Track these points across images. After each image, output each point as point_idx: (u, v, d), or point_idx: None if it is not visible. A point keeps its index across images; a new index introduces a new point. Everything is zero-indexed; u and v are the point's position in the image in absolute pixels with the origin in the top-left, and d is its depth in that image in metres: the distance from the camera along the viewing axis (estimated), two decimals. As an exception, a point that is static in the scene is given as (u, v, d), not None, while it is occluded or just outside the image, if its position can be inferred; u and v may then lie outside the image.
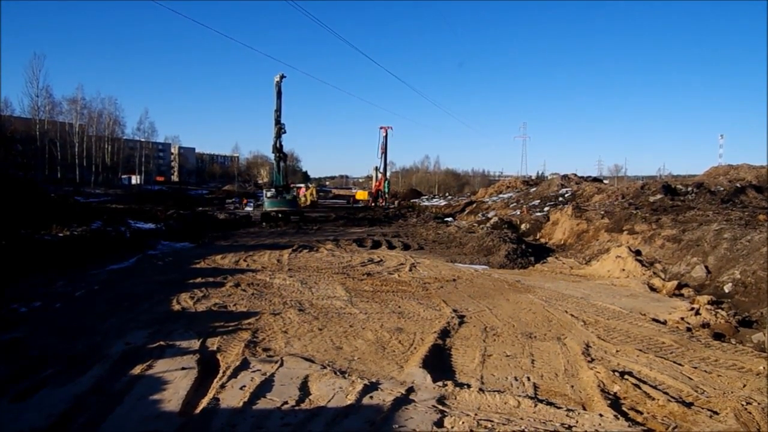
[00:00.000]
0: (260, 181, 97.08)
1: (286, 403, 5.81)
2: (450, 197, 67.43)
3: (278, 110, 34.30)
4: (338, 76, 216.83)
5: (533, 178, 79.74)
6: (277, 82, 34.00)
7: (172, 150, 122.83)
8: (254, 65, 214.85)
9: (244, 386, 6.24)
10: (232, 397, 5.94)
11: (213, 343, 8.10)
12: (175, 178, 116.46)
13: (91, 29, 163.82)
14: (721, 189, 34.40)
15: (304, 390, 6.22)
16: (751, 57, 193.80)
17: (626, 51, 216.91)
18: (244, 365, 7.05)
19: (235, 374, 6.66)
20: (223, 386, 6.25)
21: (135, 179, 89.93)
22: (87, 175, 76.03)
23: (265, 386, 6.29)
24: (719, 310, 11.57)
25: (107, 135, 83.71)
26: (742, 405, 6.21)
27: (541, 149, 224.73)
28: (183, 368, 6.81)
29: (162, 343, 7.95)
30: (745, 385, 7.03)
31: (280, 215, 34.03)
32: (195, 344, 7.97)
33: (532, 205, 37.48)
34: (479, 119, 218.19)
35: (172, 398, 5.86)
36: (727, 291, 13.58)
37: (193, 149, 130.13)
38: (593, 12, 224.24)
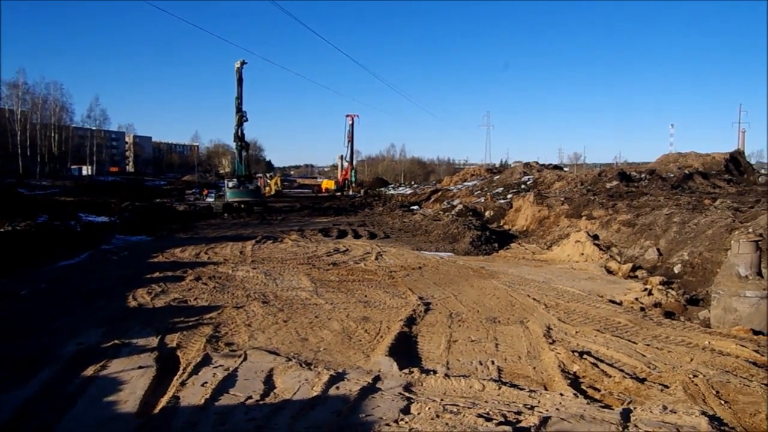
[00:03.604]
0: (222, 171, 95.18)
1: (250, 397, 5.70)
2: (416, 185, 67.49)
3: (239, 97, 33.72)
4: (302, 63, 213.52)
5: (497, 166, 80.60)
6: (238, 68, 33.37)
7: (127, 139, 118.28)
8: (214, 51, 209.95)
9: (206, 383, 6.09)
10: (194, 394, 5.79)
11: (172, 339, 7.89)
12: (130, 168, 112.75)
13: (33, 8, 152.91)
14: (672, 176, 35.49)
15: (269, 384, 6.12)
16: (699, 52, 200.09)
17: (585, 44, 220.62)
18: (206, 361, 6.88)
19: (196, 371, 6.50)
20: (183, 384, 6.08)
21: (86, 170, 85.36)
22: (32, 166, 70.55)
23: (228, 381, 6.16)
24: (670, 290, 12.02)
25: (53, 123, 78.14)
26: (690, 378, 6.49)
27: (505, 138, 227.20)
28: (140, 367, 6.60)
29: (117, 341, 7.66)
30: (692, 359, 7.33)
31: (242, 206, 33.53)
32: (153, 341, 7.74)
33: (496, 193, 37.80)
34: (444, 108, 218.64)
35: (129, 399, 5.67)
36: (676, 272, 14.01)
37: (150, 138, 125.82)
38: (552, 5, 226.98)
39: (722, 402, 5.84)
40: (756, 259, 9.80)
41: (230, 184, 34.78)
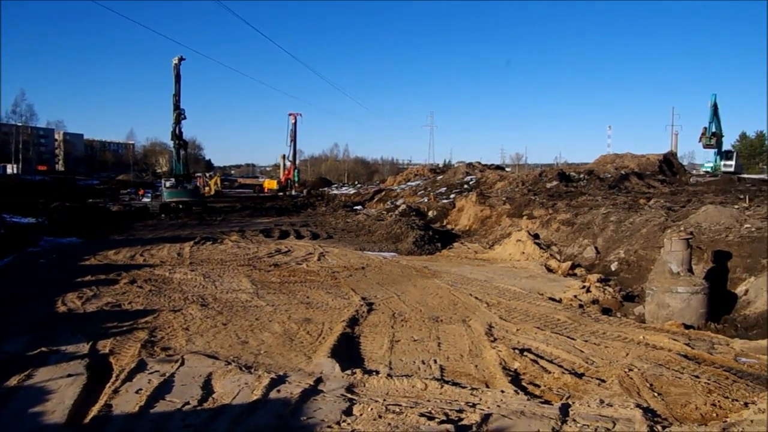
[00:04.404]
0: (159, 171, 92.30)
1: (187, 403, 5.52)
2: (359, 185, 67.53)
3: (177, 95, 32.78)
4: (244, 60, 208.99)
5: (440, 166, 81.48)
6: (176, 64, 32.45)
7: (56, 136, 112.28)
8: (150, 46, 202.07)
9: (141, 389, 5.86)
10: (127, 401, 5.55)
11: (105, 345, 7.55)
12: (60, 167, 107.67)
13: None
14: (609, 176, 36.95)
15: (207, 388, 5.95)
16: (634, 56, 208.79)
17: (525, 46, 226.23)
18: (141, 367, 6.62)
19: (130, 377, 6.24)
20: (116, 391, 5.82)
21: (11, 168, 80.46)
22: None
23: (165, 387, 5.95)
24: (607, 287, 12.46)
25: (-28, 118, 74.08)
26: (625, 372, 6.73)
27: (448, 138, 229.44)
28: (69, 375, 6.26)
29: (44, 349, 7.25)
30: (627, 354, 7.60)
31: (180, 206, 32.64)
32: (84, 348, 7.38)
33: (439, 193, 38.24)
34: (388, 108, 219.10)
35: (57, 409, 5.36)
36: (613, 269, 14.55)
37: (81, 136, 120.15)
38: (493, 5, 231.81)
39: (656, 394, 6.07)
40: (687, 257, 10.29)
41: (168, 184, 33.80)
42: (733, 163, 46.95)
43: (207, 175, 65.89)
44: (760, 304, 10.35)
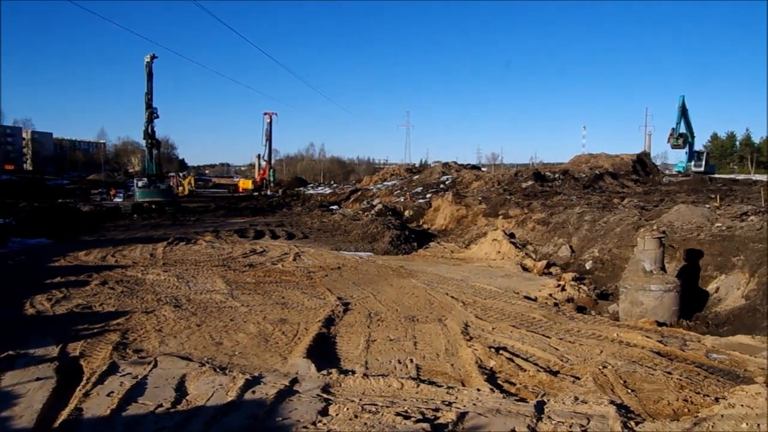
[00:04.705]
0: (131, 170, 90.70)
1: (160, 405, 5.44)
2: (335, 185, 67.26)
3: (149, 93, 32.30)
4: (218, 59, 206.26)
5: (416, 165, 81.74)
6: (148, 62, 31.97)
7: (24, 135, 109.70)
8: (122, 43, 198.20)
9: (113, 392, 5.75)
10: (98, 405, 5.44)
11: (75, 348, 7.39)
12: (29, 166, 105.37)
13: None
14: (583, 176, 37.43)
15: (181, 390, 5.87)
16: (609, 57, 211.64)
17: (502, 46, 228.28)
18: (113, 369, 6.50)
19: (101, 380, 6.11)
20: (87, 394, 5.70)
21: None
22: None
23: (137, 390, 5.85)
24: (582, 286, 12.61)
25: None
26: (600, 369, 6.83)
27: (425, 138, 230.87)
28: (38, 379, 6.10)
29: (11, 352, 7.03)
30: (602, 352, 7.70)
31: (153, 206, 32.16)
32: (53, 351, 7.21)
33: (415, 192, 38.31)
34: (364, 108, 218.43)
35: (25, 413, 5.22)
36: (588, 268, 14.75)
37: (51, 134, 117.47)
38: (469, 7, 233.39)
39: (629, 391, 6.17)
40: (660, 255, 10.48)
41: (140, 184, 33.28)
42: (702, 162, 47.94)
43: (180, 174, 65.08)
44: (730, 301, 10.61)
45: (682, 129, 48.62)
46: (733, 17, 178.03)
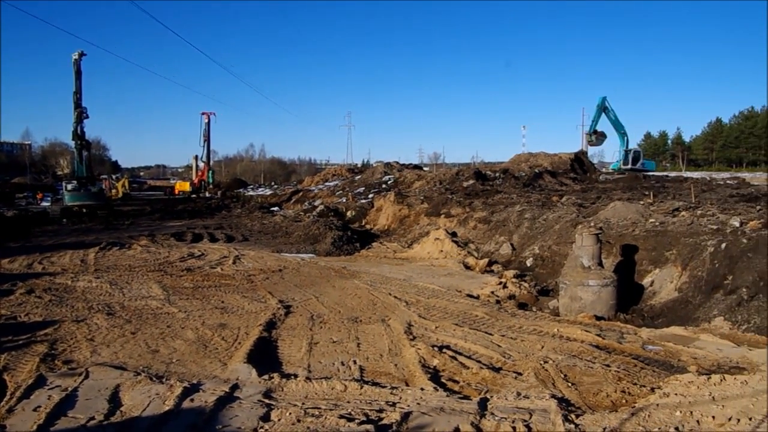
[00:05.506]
0: (60, 173, 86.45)
1: (92, 418, 5.19)
2: (276, 186, 66.28)
3: (78, 92, 30.89)
4: (153, 57, 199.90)
5: (358, 166, 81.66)
6: (76, 60, 30.55)
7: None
8: (48, 39, 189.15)
9: (40, 406, 5.45)
10: (24, 421, 5.13)
11: (-3, 361, 6.95)
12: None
13: None
14: (524, 174, 38.32)
15: (115, 401, 5.62)
16: (547, 57, 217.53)
17: (442, 45, 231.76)
18: (40, 382, 6.15)
19: (27, 394, 5.78)
20: (11, 410, 5.37)
21: None
22: None
23: (67, 403, 5.56)
24: (523, 283, 12.89)
25: None
26: (541, 364, 6.99)
27: (366, 138, 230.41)
28: (-44, 396, 5.71)
29: (-74, 369, 6.59)
30: (543, 347, 7.88)
31: (84, 210, 30.81)
32: (-28, 365, 6.76)
33: (358, 193, 38.26)
34: (305, 108, 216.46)
35: (-60, 433, 4.88)
36: (529, 265, 15.10)
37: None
38: (410, 7, 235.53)
39: (569, 384, 6.34)
40: (597, 251, 10.83)
41: (69, 187, 31.70)
42: (629, 160, 49.88)
43: (114, 177, 62.55)
44: (664, 294, 11.09)
45: (599, 127, 50.45)
46: (666, 23, 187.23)
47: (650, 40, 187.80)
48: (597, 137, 49.45)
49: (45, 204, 36.66)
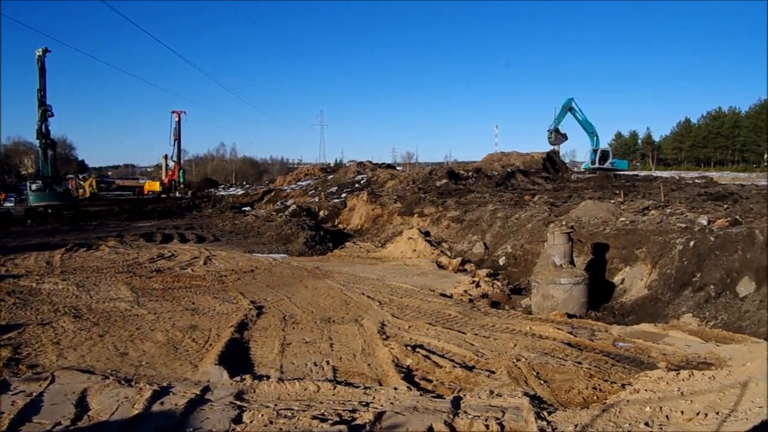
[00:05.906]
0: (24, 173, 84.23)
1: (58, 424, 5.06)
2: (248, 186, 65.60)
3: (42, 90, 30.21)
4: (121, 55, 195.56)
5: (331, 165, 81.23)
6: (40, 56, 29.87)
7: None
8: (10, 35, 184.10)
9: (3, 412, 5.28)
10: (-15, 428, 4.97)
11: (-42, 367, 6.74)
12: None
13: None
14: (496, 173, 38.60)
15: (82, 406, 5.49)
16: (520, 57, 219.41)
17: (414, 45, 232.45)
18: (3, 388, 5.97)
19: (-11, 400, 5.60)
20: (-29, 417, 5.19)
21: None
22: None
23: (32, 408, 5.41)
24: (496, 281, 12.99)
25: None
26: (513, 362, 7.05)
27: (339, 137, 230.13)
28: None
29: None
30: (515, 345, 7.95)
31: (49, 210, 30.11)
32: (-69, 371, 6.54)
33: (330, 192, 38.09)
34: (277, 107, 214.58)
35: None
36: (501, 264, 15.22)
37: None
38: (381, 7, 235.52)
39: (542, 382, 6.41)
40: (569, 250, 10.97)
41: (34, 187, 30.95)
42: (596, 159, 50.62)
43: (80, 176, 61.22)
44: (634, 292, 11.28)
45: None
46: (638, 24, 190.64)
47: (622, 41, 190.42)
48: (556, 136, 50.21)
49: (8, 204, 35.71)
